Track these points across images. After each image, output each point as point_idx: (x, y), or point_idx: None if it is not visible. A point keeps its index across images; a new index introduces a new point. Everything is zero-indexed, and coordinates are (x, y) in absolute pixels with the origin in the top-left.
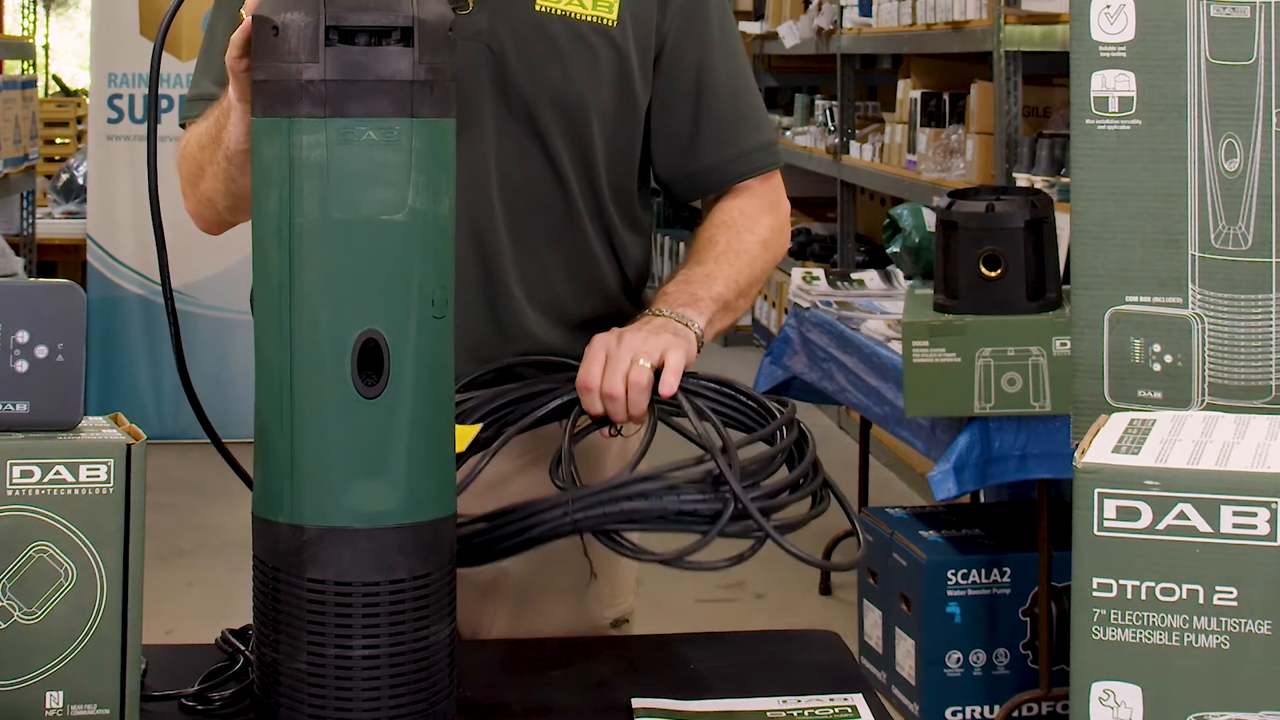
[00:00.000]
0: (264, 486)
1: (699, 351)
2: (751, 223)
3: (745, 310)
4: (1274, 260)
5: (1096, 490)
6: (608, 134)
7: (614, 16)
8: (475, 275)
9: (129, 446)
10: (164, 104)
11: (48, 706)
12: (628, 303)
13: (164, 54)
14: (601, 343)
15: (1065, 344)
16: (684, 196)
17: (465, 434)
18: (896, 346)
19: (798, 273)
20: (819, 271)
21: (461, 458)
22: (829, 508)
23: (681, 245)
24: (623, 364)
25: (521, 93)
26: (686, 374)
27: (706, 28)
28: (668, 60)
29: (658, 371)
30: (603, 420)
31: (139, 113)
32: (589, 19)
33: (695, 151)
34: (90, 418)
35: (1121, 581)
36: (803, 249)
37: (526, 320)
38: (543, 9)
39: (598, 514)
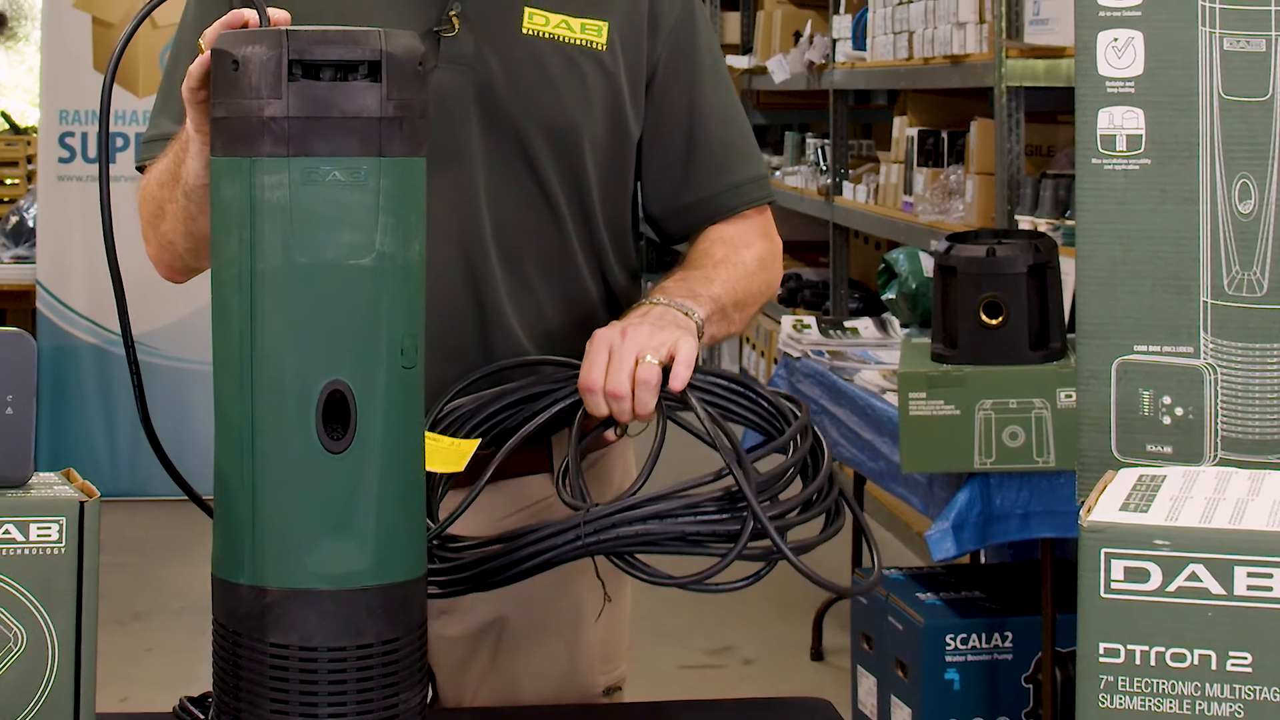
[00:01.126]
0: (224, 546)
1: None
2: (747, 243)
3: (740, 328)
4: None
5: (1103, 550)
6: (600, 163)
7: (603, 41)
8: (469, 311)
9: (82, 504)
10: (119, 142)
11: None
12: None
13: (120, 89)
14: (604, 339)
15: (1070, 396)
16: (674, 231)
17: (465, 450)
18: (892, 398)
19: (788, 320)
20: (810, 319)
21: (465, 476)
22: (831, 574)
23: None
24: (627, 361)
25: (511, 118)
26: (695, 370)
27: (696, 56)
28: (658, 90)
29: (666, 369)
30: (608, 422)
31: (92, 152)
32: (578, 43)
33: (687, 183)
34: (41, 474)
35: (1130, 647)
36: (793, 295)
37: (522, 354)
38: (530, 32)
39: (612, 536)
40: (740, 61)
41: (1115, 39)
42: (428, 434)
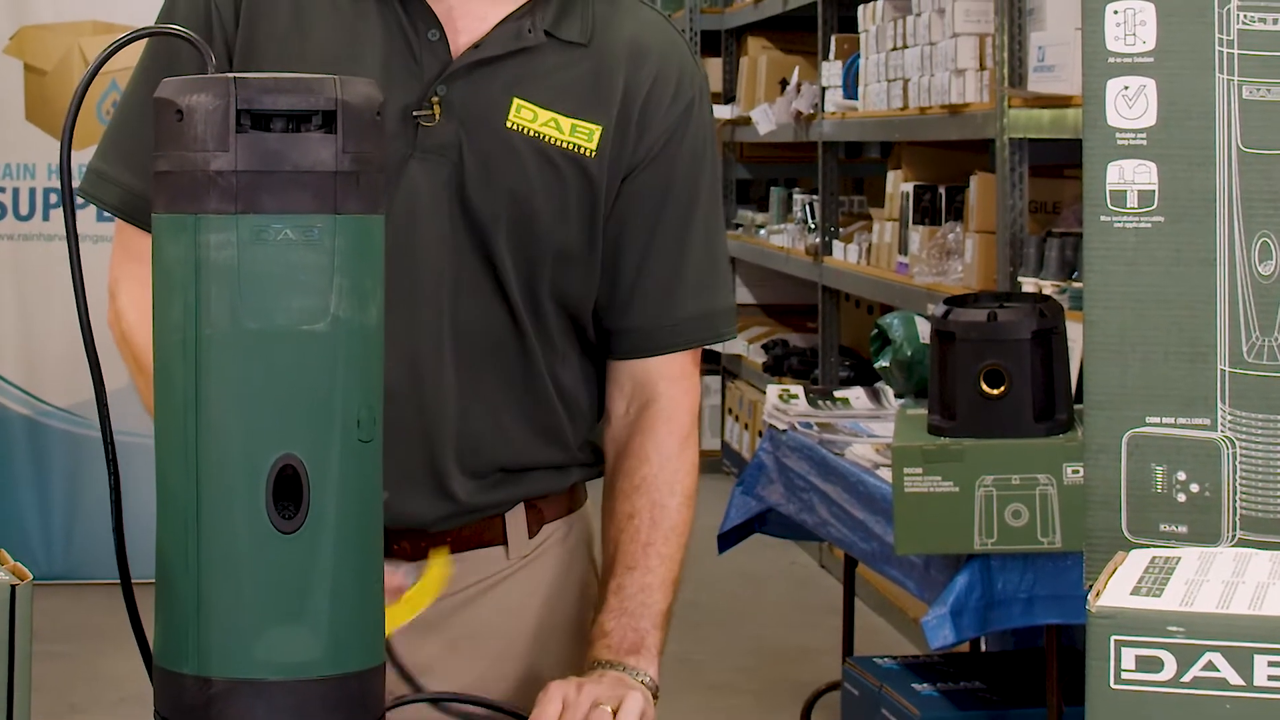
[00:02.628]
0: (167, 633)
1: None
2: (672, 477)
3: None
4: None
5: (1113, 637)
6: (567, 275)
7: (593, 146)
8: (410, 421)
9: (13, 588)
10: (52, 199)
11: None
12: (578, 454)
13: (55, 141)
14: (559, 688)
15: (1078, 471)
16: (611, 348)
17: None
18: (886, 474)
19: (773, 390)
20: (797, 389)
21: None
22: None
23: None
24: (581, 708)
25: (478, 216)
26: None
27: (673, 174)
28: (626, 197)
29: None
30: None
31: (24, 208)
32: (564, 145)
33: (630, 307)
34: None
35: None
36: (779, 363)
37: (459, 478)
38: (514, 127)
39: None
40: (723, 111)
41: (1126, 87)
42: None
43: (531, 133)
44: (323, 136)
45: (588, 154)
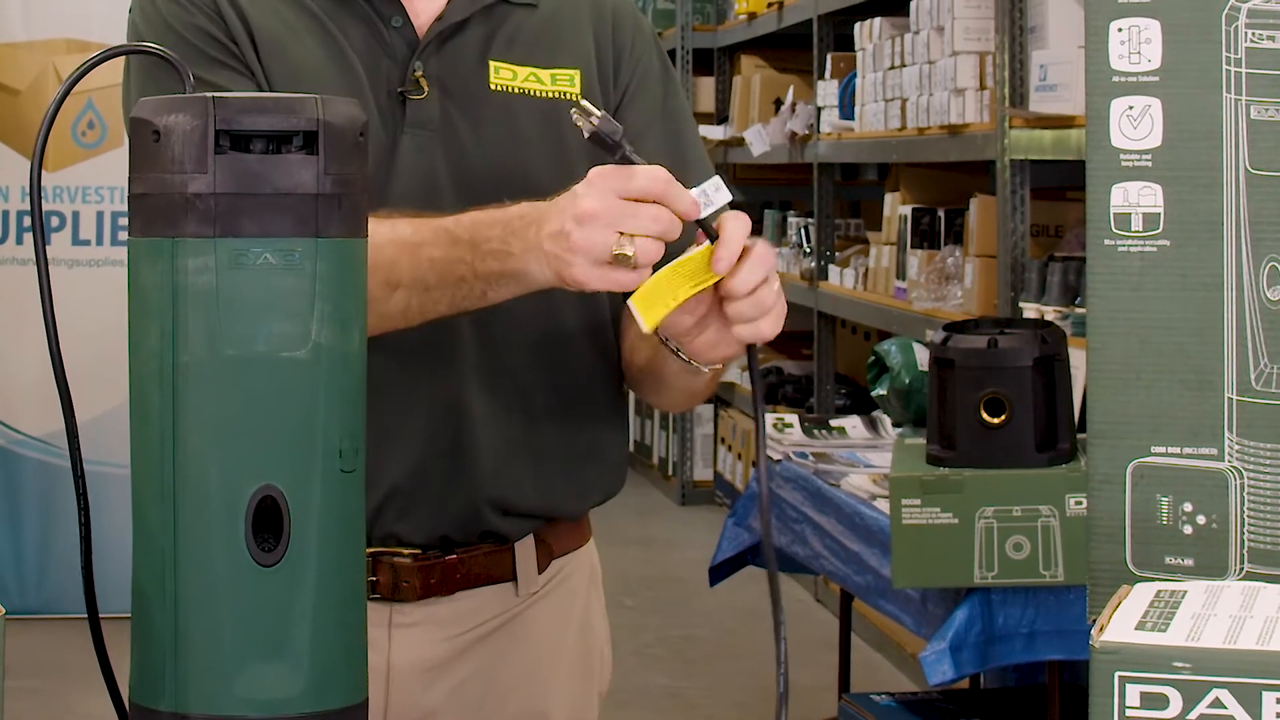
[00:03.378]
0: (143, 669)
1: None
2: None
3: None
4: None
5: (1117, 674)
6: None
7: (577, 91)
8: (425, 414)
9: None
10: (26, 221)
11: None
12: (620, 424)
13: (25, 160)
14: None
15: (1081, 503)
16: None
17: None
18: (883, 505)
19: (767, 419)
20: (792, 418)
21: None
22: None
23: None
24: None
25: (485, 189)
26: None
27: (649, 96)
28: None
29: None
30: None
31: None
32: (551, 96)
33: None
34: None
35: None
36: (774, 391)
37: (495, 460)
38: (499, 88)
39: None
40: (715, 132)
41: (1130, 107)
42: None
43: (516, 90)
44: (304, 158)
45: (575, 99)
